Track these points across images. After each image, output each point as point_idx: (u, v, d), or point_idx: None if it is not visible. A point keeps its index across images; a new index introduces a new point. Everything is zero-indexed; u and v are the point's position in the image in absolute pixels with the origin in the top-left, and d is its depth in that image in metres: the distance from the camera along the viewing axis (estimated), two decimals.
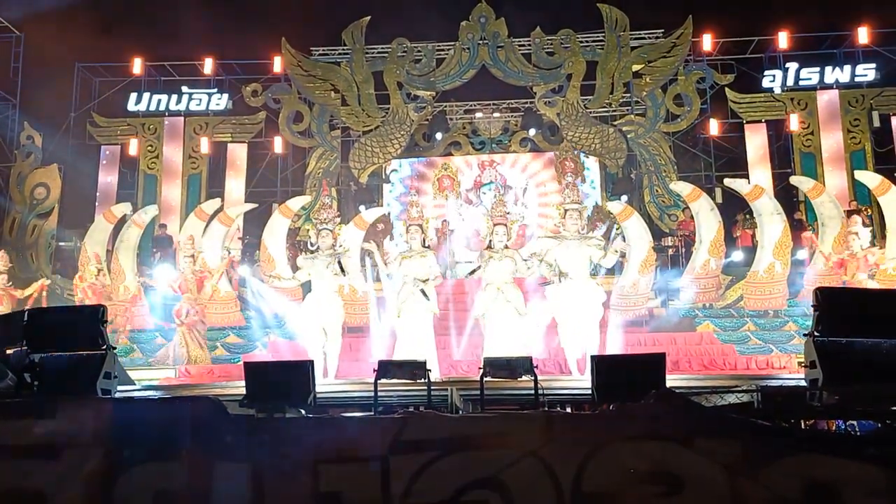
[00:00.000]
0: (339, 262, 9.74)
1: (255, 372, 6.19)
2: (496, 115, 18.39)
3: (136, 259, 13.63)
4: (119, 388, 5.97)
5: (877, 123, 16.55)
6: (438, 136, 18.00)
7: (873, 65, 16.83)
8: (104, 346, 5.67)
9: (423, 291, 9.61)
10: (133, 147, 17.71)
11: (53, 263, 15.95)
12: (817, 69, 17.00)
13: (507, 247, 9.77)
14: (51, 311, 9.13)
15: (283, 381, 6.03)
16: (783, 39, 16.98)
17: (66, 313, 7.37)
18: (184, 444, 4.46)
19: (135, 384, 8.37)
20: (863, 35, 16.69)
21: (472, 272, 10.53)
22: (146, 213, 14.39)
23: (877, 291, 8.51)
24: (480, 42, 17.50)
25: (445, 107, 18.21)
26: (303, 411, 5.88)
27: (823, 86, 17.03)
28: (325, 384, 8.75)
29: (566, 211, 9.73)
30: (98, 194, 17.58)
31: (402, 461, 4.29)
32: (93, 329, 5.70)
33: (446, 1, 17.27)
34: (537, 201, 17.67)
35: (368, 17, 17.68)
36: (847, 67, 16.92)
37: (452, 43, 17.61)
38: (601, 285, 10.21)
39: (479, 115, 18.42)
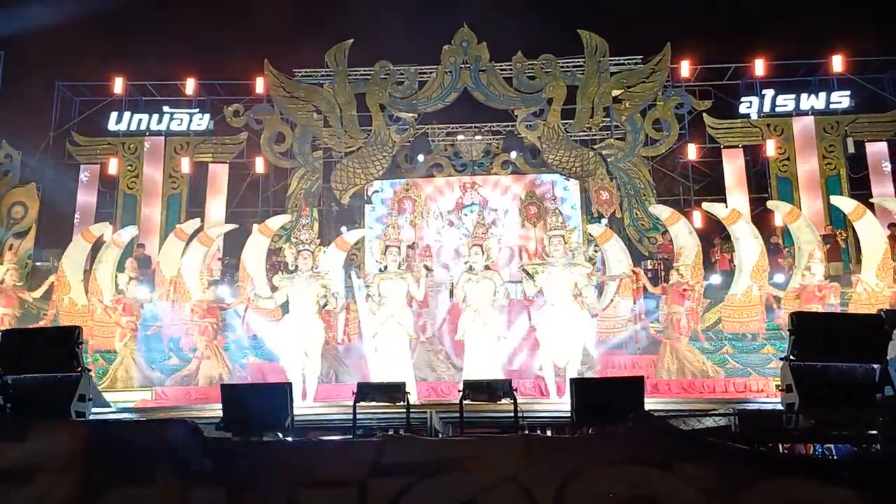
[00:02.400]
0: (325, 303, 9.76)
1: (232, 394, 6.13)
2: (478, 137, 18.50)
3: (114, 279, 13.47)
4: (94, 410, 5.89)
5: (851, 150, 16.84)
6: (420, 157, 18.07)
7: (847, 92, 17.17)
8: (79, 368, 5.59)
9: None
10: (113, 166, 17.59)
11: (30, 283, 15.72)
12: (793, 96, 17.30)
13: (487, 268, 9.77)
14: (25, 332, 8.99)
15: (260, 403, 5.97)
16: (759, 67, 17.30)
17: (40, 334, 7.27)
18: (159, 469, 4.41)
19: (110, 406, 8.26)
20: (837, 63, 17.03)
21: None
22: (125, 233, 14.28)
23: (851, 316, 8.61)
24: (462, 66, 17.66)
25: (427, 129, 18.29)
26: (280, 434, 5.83)
27: (799, 112, 17.32)
28: (304, 407, 8.68)
29: (550, 237, 9.77)
30: (77, 214, 17.40)
31: (380, 485, 4.26)
32: (67, 350, 5.62)
33: (429, 25, 17.45)
34: (518, 223, 17.72)
35: (352, 40, 17.79)
36: (822, 95, 17.23)
37: (435, 66, 17.77)
38: (584, 309, 10.21)
39: (460, 137, 18.51)
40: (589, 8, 17.60)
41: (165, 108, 18.15)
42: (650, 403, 6.45)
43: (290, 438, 5.87)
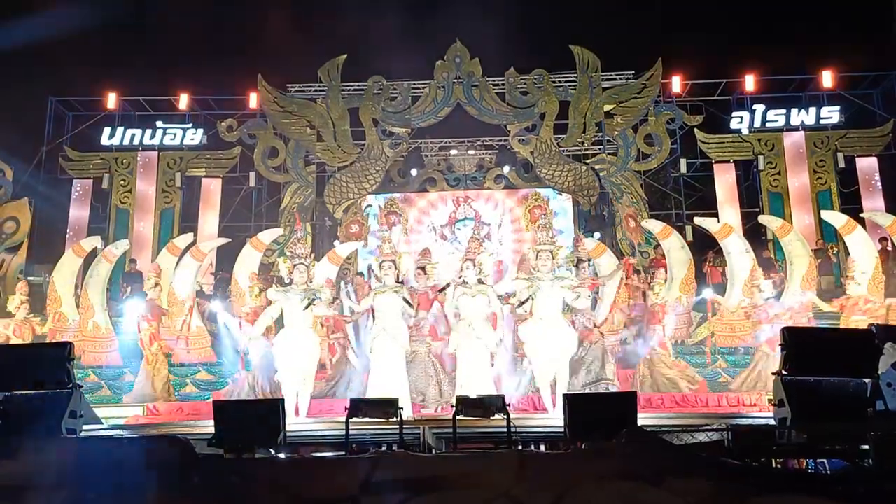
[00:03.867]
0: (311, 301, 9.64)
1: (224, 410, 6.09)
2: (471, 152, 18.59)
3: (106, 294, 13.41)
4: (85, 426, 5.85)
5: (842, 164, 17.00)
6: (413, 172, 18.14)
7: (837, 108, 17.35)
8: (70, 384, 5.56)
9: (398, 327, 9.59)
10: (106, 181, 17.59)
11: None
12: (783, 111, 17.45)
13: (481, 282, 9.76)
14: (16, 347, 8.95)
15: (252, 419, 5.94)
16: (750, 82, 17.46)
17: (31, 350, 7.24)
18: (150, 486, 4.37)
19: (102, 423, 8.21)
20: (827, 79, 17.22)
21: (443, 289, 10.48)
22: (117, 247, 14.19)
23: (842, 331, 8.64)
24: (455, 81, 17.75)
25: (420, 143, 18.37)
26: (273, 451, 5.80)
27: (789, 127, 17.46)
28: (297, 422, 8.64)
29: (538, 252, 9.77)
30: (69, 228, 17.37)
31: (373, 502, 4.24)
32: (59, 366, 5.59)
33: (422, 40, 17.57)
34: (512, 237, 17.78)
35: (345, 56, 17.88)
36: (812, 110, 17.39)
37: (428, 81, 17.86)
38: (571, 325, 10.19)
39: (453, 151, 18.59)
40: (581, 24, 17.75)
41: (159, 123, 18.20)
42: (643, 418, 6.45)
43: (282, 455, 5.85)
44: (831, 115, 17.36)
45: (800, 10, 17.71)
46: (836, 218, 13.69)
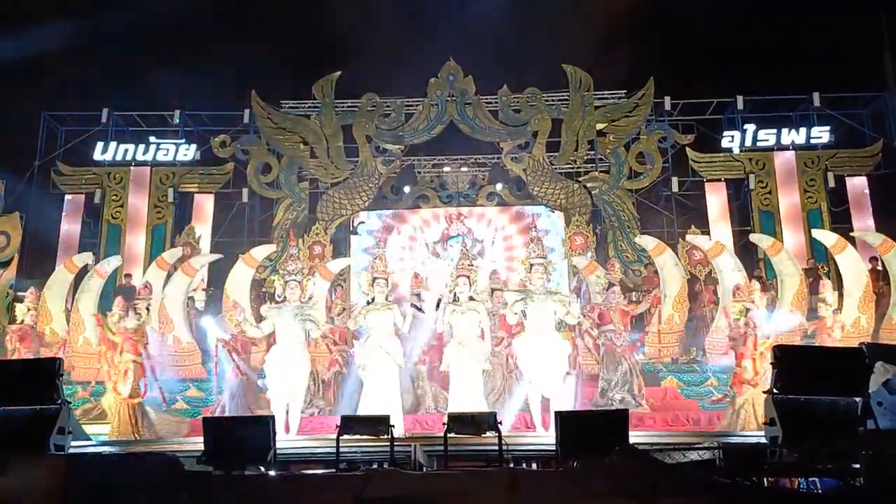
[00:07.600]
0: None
1: (213, 427, 6.07)
2: (464, 169, 18.64)
3: (98, 310, 13.34)
4: (73, 443, 5.80)
5: (832, 184, 17.12)
6: (406, 189, 18.18)
7: (827, 128, 17.48)
8: (59, 401, 5.52)
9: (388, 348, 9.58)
10: (97, 196, 17.54)
11: (11, 314, 15.53)
12: (774, 131, 17.58)
13: (472, 298, 9.77)
14: (4, 363, 8.89)
15: (242, 436, 5.91)
16: (741, 102, 17.60)
17: (19, 366, 7.19)
18: (139, 503, 4.35)
19: (90, 440, 8.15)
20: (817, 99, 17.37)
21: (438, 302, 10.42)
22: (109, 263, 14.17)
23: (833, 349, 8.66)
24: (449, 98, 17.83)
25: (414, 160, 18.41)
26: (263, 468, 5.76)
27: (780, 147, 17.58)
28: (287, 440, 8.59)
29: (532, 266, 9.78)
30: (60, 244, 17.27)
31: None
32: (48, 382, 5.56)
33: (415, 58, 17.65)
34: (503, 255, 17.81)
35: (339, 72, 17.95)
36: (802, 130, 17.53)
37: (421, 99, 17.93)
38: (566, 339, 10.20)
39: (446, 169, 18.65)
40: (573, 42, 17.86)
41: (151, 139, 18.16)
42: (634, 436, 6.43)
43: (272, 472, 5.81)
44: (821, 135, 17.51)
45: (790, 31, 17.89)
46: (826, 237, 13.78)
